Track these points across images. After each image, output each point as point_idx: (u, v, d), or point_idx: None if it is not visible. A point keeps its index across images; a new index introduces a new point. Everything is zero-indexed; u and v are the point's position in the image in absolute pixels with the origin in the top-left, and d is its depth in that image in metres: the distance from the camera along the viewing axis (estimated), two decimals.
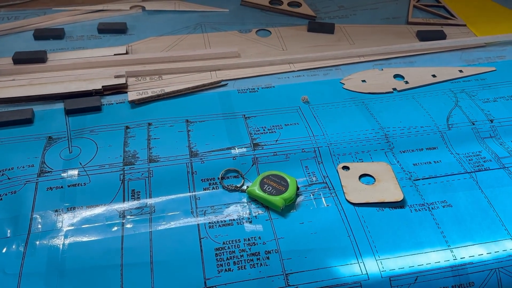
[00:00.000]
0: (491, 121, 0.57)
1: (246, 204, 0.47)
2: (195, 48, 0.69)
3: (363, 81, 0.64)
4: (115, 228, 0.44)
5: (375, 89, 0.63)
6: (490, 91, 0.62)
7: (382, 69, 0.66)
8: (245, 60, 0.66)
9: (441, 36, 0.73)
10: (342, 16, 0.79)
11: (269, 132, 0.55)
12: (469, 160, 0.52)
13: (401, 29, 0.76)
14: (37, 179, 0.48)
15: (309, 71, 0.66)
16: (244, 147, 0.53)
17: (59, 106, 0.58)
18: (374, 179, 0.50)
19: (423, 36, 0.73)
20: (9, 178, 0.48)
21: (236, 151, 0.52)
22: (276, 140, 0.54)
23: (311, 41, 0.73)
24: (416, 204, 0.47)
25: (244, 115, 0.58)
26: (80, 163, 0.50)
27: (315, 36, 0.74)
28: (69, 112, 0.57)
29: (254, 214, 0.46)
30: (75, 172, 0.49)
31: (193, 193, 0.48)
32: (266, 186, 0.47)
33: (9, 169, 0.49)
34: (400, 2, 0.84)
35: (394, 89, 0.63)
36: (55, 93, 0.58)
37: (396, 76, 0.65)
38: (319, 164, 0.52)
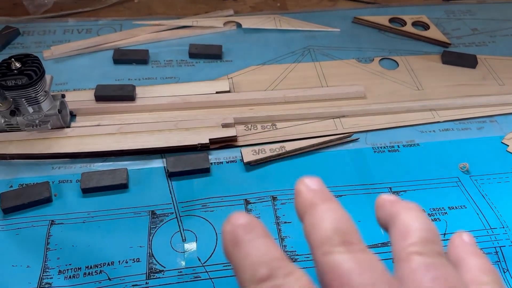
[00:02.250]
0: None
1: None
2: (309, 84, 0.56)
3: None
4: None
5: None
6: None
7: None
8: (377, 106, 0.53)
9: None
10: (480, 43, 0.65)
11: (432, 220, 0.43)
12: None
13: None
14: (146, 283, 0.37)
15: (459, 122, 0.53)
16: None
17: (157, 164, 0.47)
18: None
19: None
20: (109, 279, 0.37)
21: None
22: (444, 234, 0.42)
23: (449, 77, 0.59)
24: None
25: (390, 188, 0.45)
26: (199, 259, 0.39)
27: (453, 70, 0.60)
28: (172, 175, 0.45)
29: None
30: (194, 272, 0.38)
31: None
32: None
33: (108, 264, 0.38)
34: None
35: None
36: (154, 148, 0.47)
37: None
38: (504, 272, 0.39)
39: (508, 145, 0.50)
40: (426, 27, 0.67)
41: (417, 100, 0.55)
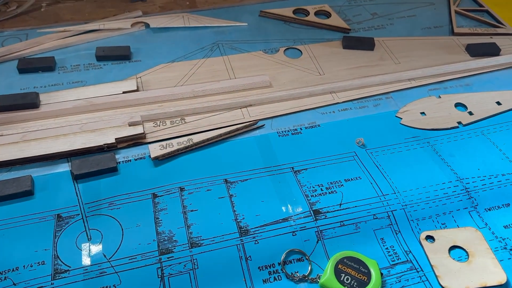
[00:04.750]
0: None
1: None
2: (218, 78, 0.58)
3: (422, 113, 0.55)
4: None
5: (438, 123, 0.53)
6: None
7: (440, 96, 0.57)
8: (281, 92, 0.56)
9: (495, 50, 0.64)
10: (378, 26, 0.69)
11: (329, 192, 0.46)
12: None
13: (447, 42, 0.66)
14: (52, 284, 0.37)
15: (357, 101, 0.57)
16: (303, 216, 0.43)
17: (63, 168, 0.47)
18: (467, 252, 0.41)
19: (474, 51, 0.64)
20: (14, 284, 0.37)
21: (295, 223, 0.43)
22: (340, 204, 0.45)
23: (349, 60, 0.62)
24: None
25: (292, 168, 0.48)
26: (105, 255, 0.39)
27: (352, 54, 0.64)
28: (78, 178, 0.45)
29: None
30: (100, 269, 0.38)
31: None
32: (344, 276, 0.38)
33: (13, 270, 0.38)
34: (438, 7, 0.74)
35: (459, 122, 0.54)
36: (58, 152, 0.47)
37: (457, 105, 0.56)
38: (396, 234, 0.43)
39: (401, 118, 0.54)
40: (328, 15, 0.70)
41: (319, 84, 0.58)
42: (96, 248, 0.40)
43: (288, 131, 0.52)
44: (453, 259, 0.41)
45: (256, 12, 0.71)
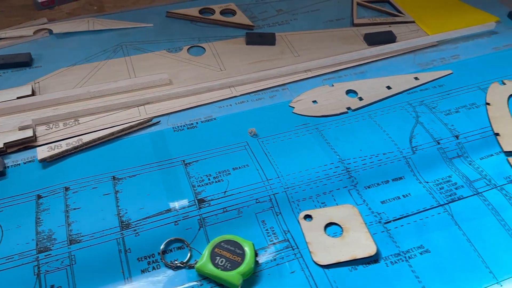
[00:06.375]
0: (457, 137, 0.52)
1: (196, 285, 0.39)
2: (116, 78, 0.59)
3: (314, 101, 0.57)
4: None
5: (328, 110, 0.56)
6: (450, 100, 0.57)
7: (333, 85, 0.60)
8: (178, 89, 0.57)
9: (391, 38, 0.67)
10: (283, 22, 0.71)
11: (216, 181, 0.47)
12: (440, 189, 0.47)
13: (347, 32, 0.69)
14: None
15: (254, 94, 0.58)
16: (187, 206, 0.44)
17: None
18: (342, 228, 0.43)
19: (371, 40, 0.67)
20: None
21: (178, 213, 0.44)
22: (225, 192, 0.46)
23: (251, 56, 0.64)
24: (391, 255, 0.41)
25: (183, 160, 0.49)
26: None
27: (255, 49, 0.65)
28: None
29: None
30: None
31: (129, 280, 0.39)
32: (219, 258, 0.39)
33: None
34: (342, 1, 0.77)
35: (349, 108, 0.56)
36: None
37: (348, 92, 0.59)
38: (277, 215, 0.44)
39: (294, 107, 0.56)
40: (234, 13, 0.72)
41: (217, 79, 0.59)
42: None
43: (183, 126, 0.54)
44: (328, 235, 0.43)
45: (164, 13, 0.72)
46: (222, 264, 0.39)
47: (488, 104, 0.57)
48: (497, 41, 0.68)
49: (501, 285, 0.39)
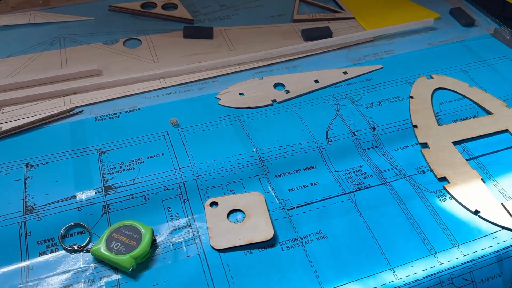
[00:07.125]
0: (374, 129, 0.53)
1: (91, 267, 0.39)
2: (47, 69, 0.59)
3: (241, 94, 0.58)
4: None
5: (253, 102, 0.56)
6: (374, 94, 0.58)
7: (263, 78, 0.60)
8: (106, 79, 0.58)
9: (327, 33, 0.68)
10: (224, 17, 0.72)
11: (127, 169, 0.48)
12: (349, 178, 0.48)
13: (286, 28, 0.70)
14: None
15: (183, 86, 0.59)
16: (93, 193, 0.45)
17: None
18: (245, 214, 0.44)
19: (307, 35, 0.68)
20: None
21: (83, 199, 0.44)
22: (134, 179, 0.47)
23: (187, 49, 0.65)
24: (288, 240, 0.42)
25: (99, 149, 0.50)
26: None
27: (192, 43, 0.66)
28: None
29: (99, 281, 0.38)
30: None
31: (26, 262, 0.39)
32: (114, 242, 0.40)
33: None
34: None
35: (274, 100, 0.57)
36: None
37: (276, 85, 0.60)
38: (184, 202, 0.45)
39: (220, 99, 0.57)
40: (176, 7, 0.73)
41: (146, 70, 0.60)
42: None
43: (106, 115, 0.54)
44: (230, 221, 0.43)
45: (107, 7, 0.73)
46: (116, 248, 0.39)
47: (412, 97, 0.58)
48: (434, 37, 0.69)
49: (394, 271, 0.40)
